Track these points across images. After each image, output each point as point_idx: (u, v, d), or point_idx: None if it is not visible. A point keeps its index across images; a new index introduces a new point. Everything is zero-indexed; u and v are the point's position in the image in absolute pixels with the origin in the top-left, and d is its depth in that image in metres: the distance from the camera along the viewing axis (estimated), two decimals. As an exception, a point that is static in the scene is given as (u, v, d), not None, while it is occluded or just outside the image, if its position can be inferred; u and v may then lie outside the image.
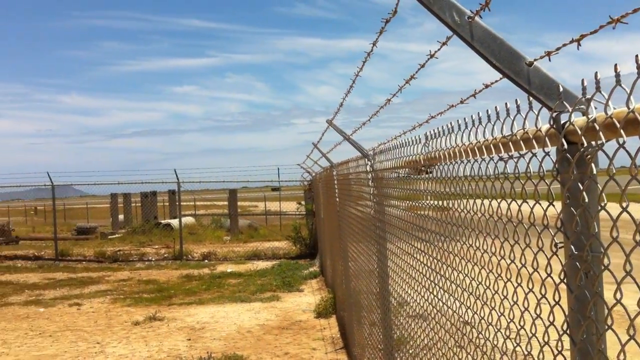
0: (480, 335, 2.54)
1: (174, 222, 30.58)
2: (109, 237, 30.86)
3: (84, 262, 22.57)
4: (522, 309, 2.04)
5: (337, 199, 9.50)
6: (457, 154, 2.39)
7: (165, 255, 23.15)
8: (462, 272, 2.71)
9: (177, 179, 23.81)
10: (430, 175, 3.03)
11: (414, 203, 3.75)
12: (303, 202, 25.94)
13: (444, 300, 3.11)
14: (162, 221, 32.92)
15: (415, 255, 3.75)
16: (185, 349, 10.05)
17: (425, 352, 3.69)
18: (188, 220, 32.11)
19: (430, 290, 3.37)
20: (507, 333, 2.26)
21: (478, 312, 2.53)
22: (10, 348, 10.45)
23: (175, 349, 10.02)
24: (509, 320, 2.18)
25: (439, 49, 2.20)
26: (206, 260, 21.92)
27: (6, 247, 27.50)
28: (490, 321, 2.40)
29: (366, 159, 5.37)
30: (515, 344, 2.19)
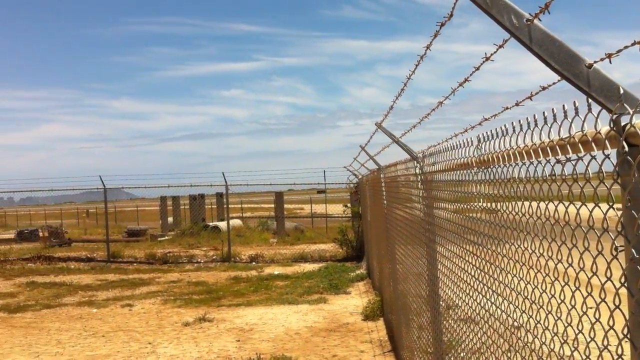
0: (537, 340, 2.51)
1: (222, 225, 30.96)
2: (159, 239, 31.44)
3: (134, 264, 23.02)
4: (580, 313, 2.02)
5: (385, 202, 9.48)
6: (512, 156, 2.37)
7: (214, 257, 23.44)
8: (517, 275, 2.69)
9: (225, 181, 24.09)
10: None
11: (465, 206, 3.73)
12: (349, 205, 25.92)
13: (497, 304, 3.09)
14: (210, 223, 33.37)
15: (466, 258, 3.73)
16: (235, 350, 10.16)
17: (477, 356, 3.66)
18: (235, 222, 32.47)
19: (483, 294, 3.34)
20: (565, 337, 2.23)
21: (534, 316, 2.50)
22: (64, 348, 10.73)
23: (225, 350, 10.14)
24: (566, 325, 2.16)
25: (495, 52, 2.19)
26: (253, 263, 22.11)
27: (60, 249, 28.24)
28: (546, 325, 2.37)
29: (415, 162, 5.35)
30: (573, 348, 2.16)
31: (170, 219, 36.49)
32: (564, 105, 1.84)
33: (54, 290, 17.14)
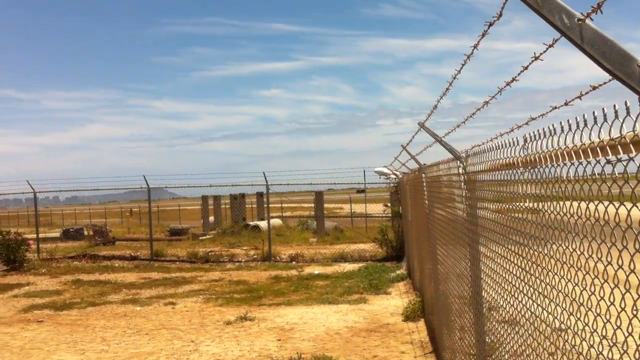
0: (584, 342, 2.48)
1: (262, 224, 31.17)
2: (200, 238, 31.80)
3: (177, 263, 23.33)
4: (631, 316, 1.99)
5: (426, 201, 9.42)
6: (561, 156, 2.34)
7: (254, 257, 23.61)
8: (565, 277, 2.66)
9: (266, 181, 24.23)
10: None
11: (509, 206, 3.70)
12: (389, 204, 25.82)
13: (543, 306, 3.05)
14: (251, 223, 33.63)
15: (511, 259, 3.69)
16: (276, 349, 10.23)
17: (522, 358, 3.63)
18: (275, 222, 32.64)
19: (528, 295, 3.31)
20: (613, 340, 2.20)
21: (581, 318, 2.47)
22: (109, 345, 10.94)
23: (266, 349, 10.21)
24: (615, 327, 2.13)
25: (544, 51, 2.16)
26: (293, 262, 22.20)
27: (104, 248, 28.80)
28: (594, 327, 2.34)
29: (458, 161, 5.32)
30: (622, 351, 2.13)
31: (211, 218, 36.86)
32: (614, 105, 1.81)
33: (99, 288, 17.50)
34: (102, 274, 20.52)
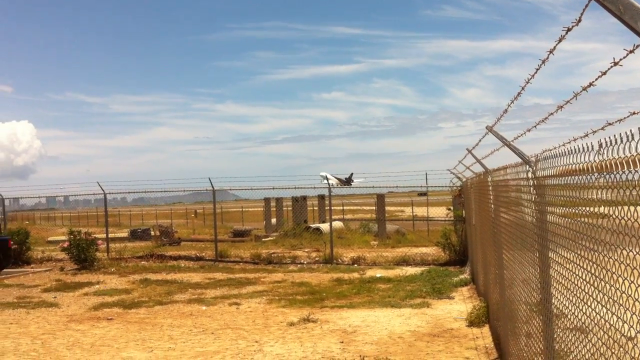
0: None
1: (323, 226, 31.32)
2: (263, 239, 32.19)
3: (240, 264, 23.67)
4: None
5: (492, 206, 9.29)
6: (639, 162, 2.30)
7: (316, 259, 23.72)
8: (636, 282, 2.61)
9: (328, 184, 24.33)
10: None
11: (581, 211, 3.63)
12: (452, 208, 25.53)
13: (615, 312, 2.99)
14: (312, 225, 33.81)
15: (582, 264, 3.63)
16: (339, 351, 10.27)
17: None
18: (337, 224, 32.71)
19: (600, 302, 3.24)
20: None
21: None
22: (176, 344, 11.20)
23: (329, 351, 10.26)
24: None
25: (624, 57, 2.13)
26: (355, 265, 22.21)
27: (170, 248, 29.48)
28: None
29: (527, 166, 5.24)
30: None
31: (273, 220, 37.22)
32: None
33: (166, 288, 17.93)
34: (169, 274, 21.03)
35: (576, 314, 3.92)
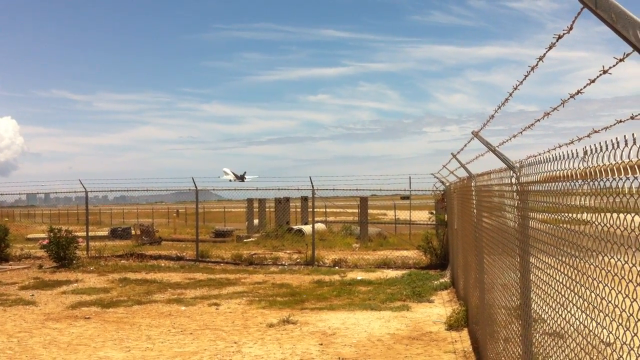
0: (632, 352, 2.43)
1: (305, 228, 31.30)
2: (244, 240, 32.09)
3: (221, 264, 23.57)
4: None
5: (475, 210, 9.33)
6: (623, 170, 2.30)
7: (298, 261, 23.69)
8: (616, 289, 2.62)
9: (312, 186, 24.29)
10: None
11: (563, 217, 3.65)
12: (434, 212, 25.62)
13: (592, 317, 3.01)
14: (294, 227, 33.77)
15: (562, 270, 3.64)
16: (318, 353, 10.25)
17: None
18: (319, 226, 32.70)
19: (580, 307, 3.25)
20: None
21: (632, 330, 2.43)
22: (154, 344, 11.11)
23: (308, 353, 10.24)
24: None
25: (614, 65, 2.13)
26: (336, 267, 22.21)
27: (150, 247, 29.26)
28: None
29: (511, 171, 5.26)
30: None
31: (255, 221, 37.15)
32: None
33: (145, 287, 17.80)
34: (149, 273, 20.89)
35: (555, 319, 3.94)
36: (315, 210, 26.58)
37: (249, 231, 36.21)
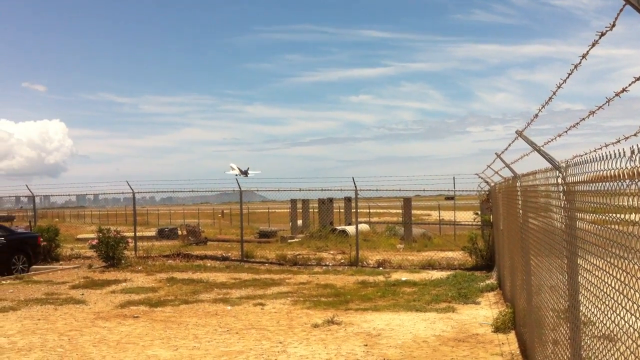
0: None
1: (349, 229, 31.30)
2: (288, 241, 32.27)
3: (266, 264, 23.73)
4: None
5: (520, 211, 9.20)
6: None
7: (342, 261, 23.70)
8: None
9: (355, 186, 24.28)
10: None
11: (612, 217, 3.58)
12: (479, 212, 25.31)
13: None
14: (338, 227, 33.80)
15: (612, 272, 3.58)
16: (362, 354, 10.23)
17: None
18: (363, 227, 32.67)
19: (632, 312, 3.19)
20: None
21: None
22: (201, 343, 11.25)
23: (353, 354, 10.24)
24: None
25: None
26: (380, 268, 22.14)
27: (197, 247, 29.67)
28: None
29: (557, 171, 5.17)
30: None
31: (299, 222, 37.29)
32: None
33: (192, 287, 18.05)
34: (195, 273, 21.17)
35: (604, 322, 3.87)
36: (358, 210, 26.56)
37: (293, 232, 36.37)
